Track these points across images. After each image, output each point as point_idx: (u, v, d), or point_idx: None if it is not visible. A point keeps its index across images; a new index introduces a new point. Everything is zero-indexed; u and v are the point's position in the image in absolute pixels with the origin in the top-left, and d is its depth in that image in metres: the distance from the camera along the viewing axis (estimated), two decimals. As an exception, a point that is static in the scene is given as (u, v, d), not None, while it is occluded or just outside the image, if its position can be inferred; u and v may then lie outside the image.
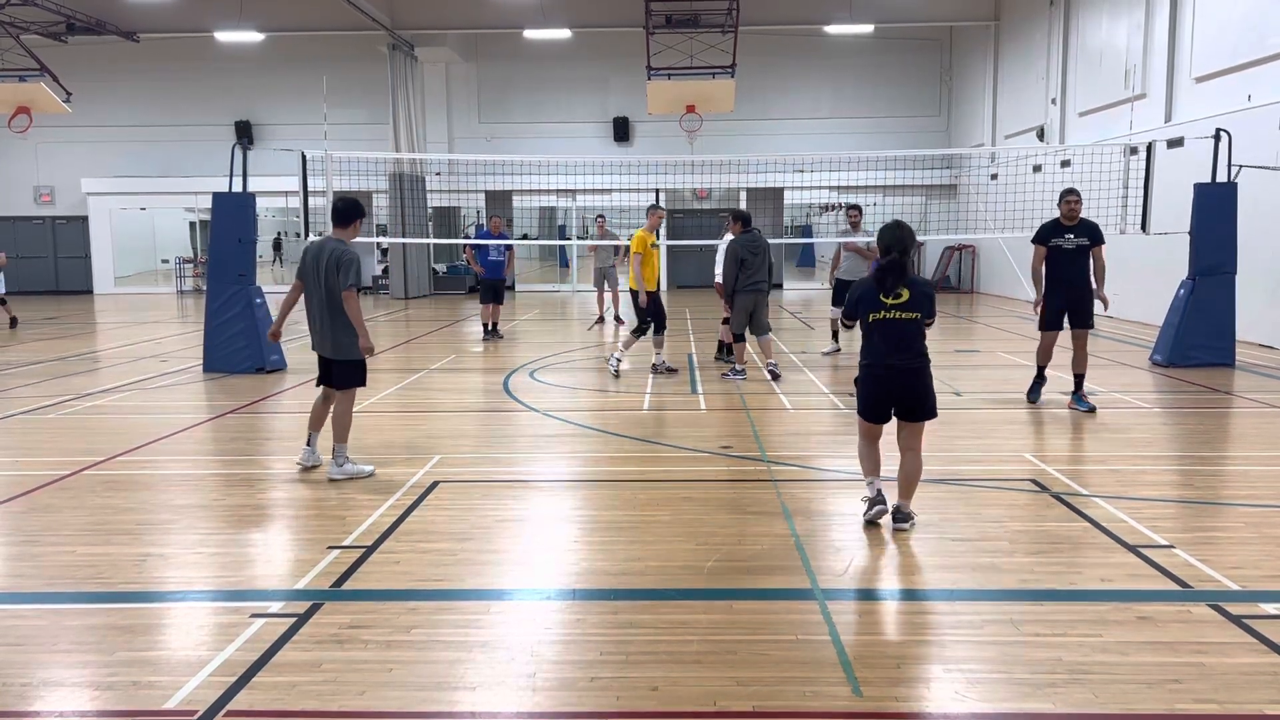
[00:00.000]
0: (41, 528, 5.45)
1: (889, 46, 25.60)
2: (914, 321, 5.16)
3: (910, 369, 5.17)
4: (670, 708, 3.36)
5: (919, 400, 5.20)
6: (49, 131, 24.82)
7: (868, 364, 5.28)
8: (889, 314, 5.14)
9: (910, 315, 5.14)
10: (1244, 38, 13.74)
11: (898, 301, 5.13)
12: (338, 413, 6.41)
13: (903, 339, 5.15)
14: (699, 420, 8.48)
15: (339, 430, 6.39)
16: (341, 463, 6.37)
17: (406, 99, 23.82)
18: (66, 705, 3.43)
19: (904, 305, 5.13)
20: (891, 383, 5.19)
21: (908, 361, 5.16)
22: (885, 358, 5.18)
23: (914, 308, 5.14)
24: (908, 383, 5.18)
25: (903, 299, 5.13)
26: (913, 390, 5.18)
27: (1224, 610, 4.11)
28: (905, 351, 5.15)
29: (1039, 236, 8.76)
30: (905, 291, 5.13)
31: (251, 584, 4.62)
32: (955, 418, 8.47)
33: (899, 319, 5.14)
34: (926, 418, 5.25)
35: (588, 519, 5.60)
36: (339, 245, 6.34)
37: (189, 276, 27.29)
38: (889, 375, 5.18)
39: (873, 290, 5.21)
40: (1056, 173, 17.71)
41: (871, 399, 5.28)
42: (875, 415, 5.31)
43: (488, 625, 4.09)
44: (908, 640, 3.87)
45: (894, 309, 5.13)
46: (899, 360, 5.15)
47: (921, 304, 5.16)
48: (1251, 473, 6.68)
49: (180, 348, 13.99)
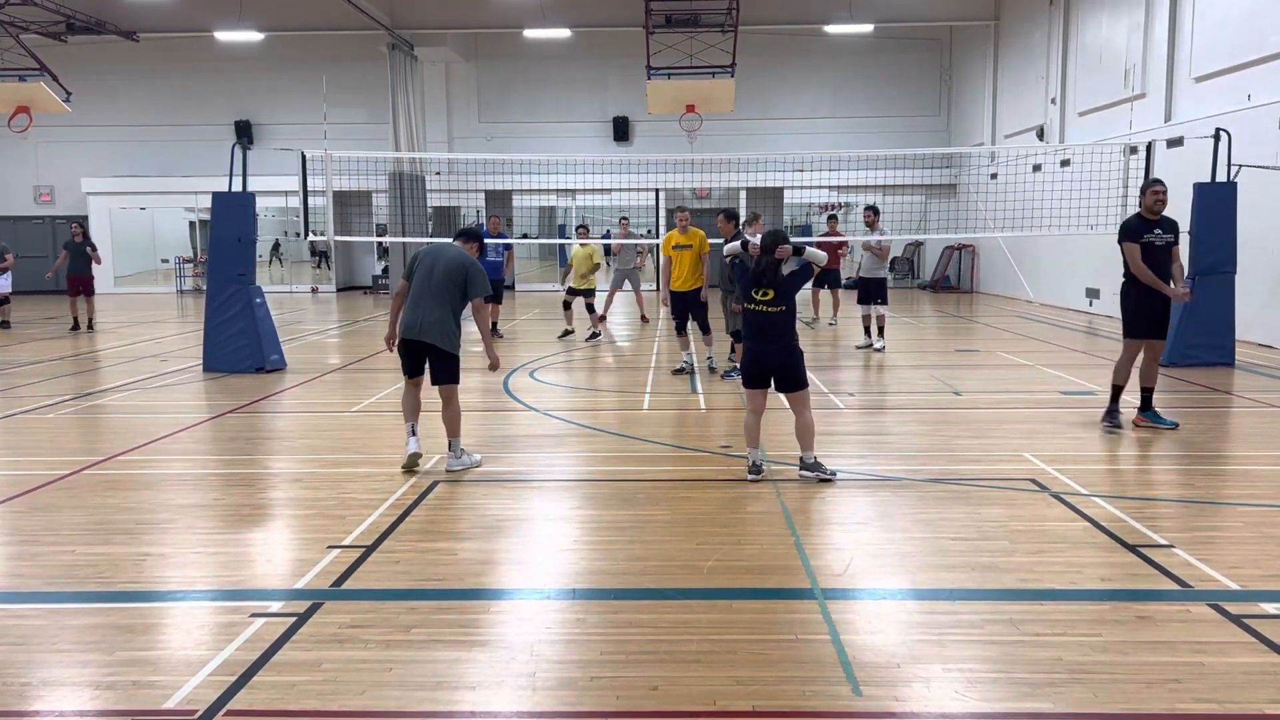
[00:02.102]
0: (41, 527, 5.45)
1: (889, 46, 25.59)
2: (780, 313, 6.18)
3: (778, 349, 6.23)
4: (670, 707, 3.36)
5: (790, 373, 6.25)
6: (49, 131, 24.79)
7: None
8: (759, 306, 6.20)
9: (776, 309, 6.17)
10: (1244, 37, 13.74)
11: (766, 298, 6.17)
12: (447, 414, 6.69)
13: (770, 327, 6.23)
14: (699, 420, 8.48)
15: (452, 427, 6.70)
16: (459, 454, 6.70)
17: (406, 99, 23.81)
18: (66, 705, 3.43)
19: (771, 301, 6.16)
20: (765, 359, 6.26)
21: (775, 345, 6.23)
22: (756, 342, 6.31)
23: (779, 302, 6.16)
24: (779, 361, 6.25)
25: (769, 296, 6.16)
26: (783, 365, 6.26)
27: (1224, 610, 4.11)
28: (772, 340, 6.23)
29: (1131, 233, 7.73)
30: (771, 291, 6.16)
31: (251, 583, 4.62)
32: (955, 417, 8.47)
33: (766, 311, 6.20)
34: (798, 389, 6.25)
35: (588, 519, 5.60)
36: (467, 256, 6.70)
37: (189, 276, 27.28)
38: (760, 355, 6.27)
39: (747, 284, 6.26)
40: (1056, 172, 17.71)
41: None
42: (754, 383, 6.35)
43: (488, 625, 4.09)
44: (907, 640, 3.87)
45: (763, 304, 6.19)
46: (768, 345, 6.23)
47: (785, 299, 6.18)
48: (1251, 472, 6.68)
49: (180, 347, 13.99)
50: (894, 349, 12.93)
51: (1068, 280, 19.08)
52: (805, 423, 6.24)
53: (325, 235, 14.13)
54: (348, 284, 28.32)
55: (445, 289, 6.50)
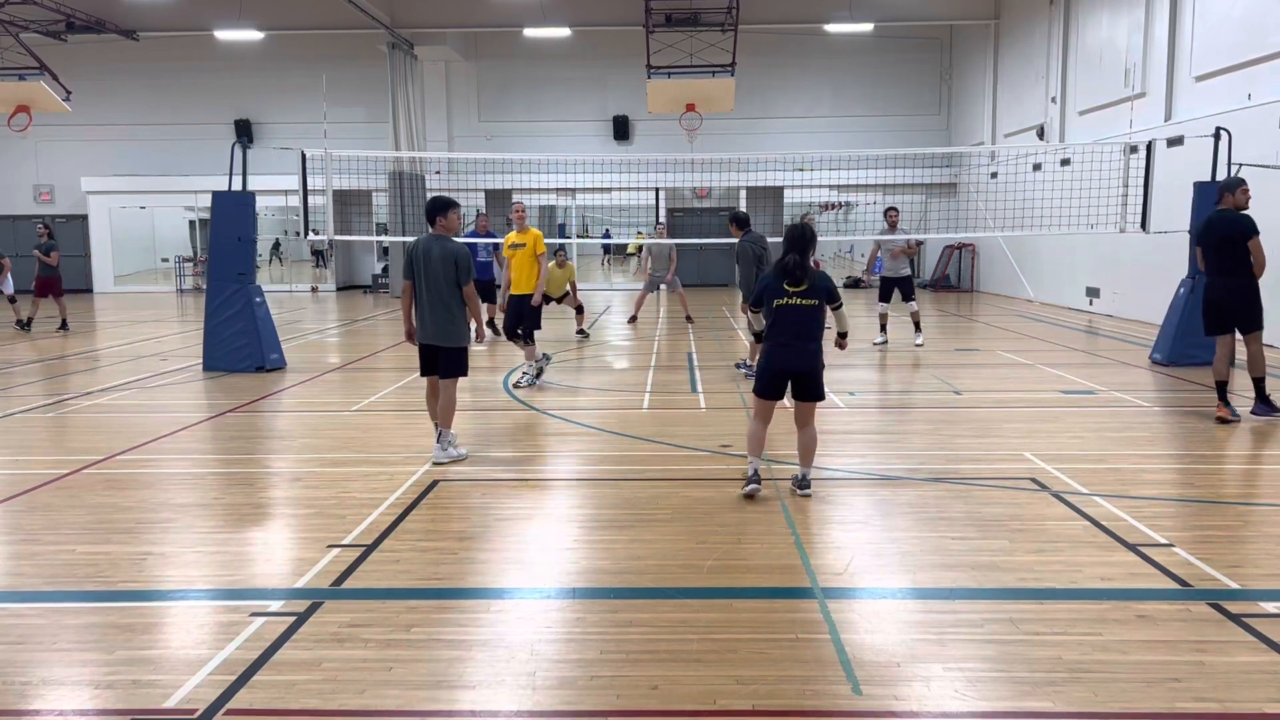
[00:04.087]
0: (41, 526, 5.45)
1: (889, 45, 25.58)
2: (814, 308, 5.79)
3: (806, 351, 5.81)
4: (670, 706, 3.36)
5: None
6: (49, 130, 24.79)
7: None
8: (791, 300, 5.79)
9: (810, 302, 5.77)
10: (1244, 37, 13.73)
11: (798, 289, 5.78)
12: (444, 402, 6.86)
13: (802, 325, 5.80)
14: (699, 420, 8.48)
15: (445, 417, 6.86)
16: (446, 446, 6.85)
17: (406, 97, 23.80)
18: (66, 704, 3.43)
19: (804, 293, 5.77)
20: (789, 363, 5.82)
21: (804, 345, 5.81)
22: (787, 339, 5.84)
23: (813, 296, 5.78)
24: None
25: (803, 288, 5.78)
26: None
27: (1223, 609, 4.11)
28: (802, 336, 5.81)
29: (1255, 228, 7.95)
30: (805, 283, 5.79)
31: (251, 583, 4.62)
32: (955, 416, 8.47)
33: (801, 305, 5.78)
34: (816, 399, 5.87)
35: (588, 518, 5.60)
36: (451, 243, 6.85)
37: (189, 275, 27.29)
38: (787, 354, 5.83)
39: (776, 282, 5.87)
40: (1056, 171, 17.70)
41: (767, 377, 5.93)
42: (770, 392, 5.93)
43: (488, 624, 4.09)
44: (907, 639, 3.87)
45: (795, 296, 5.78)
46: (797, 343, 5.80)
47: (819, 294, 5.80)
48: (1251, 473, 6.68)
49: (180, 346, 13.98)
50: (894, 349, 12.93)
51: (1068, 280, 19.08)
52: (812, 436, 5.94)
53: (322, 234, 14.09)
54: (347, 283, 28.33)
55: (442, 285, 6.77)
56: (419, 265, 6.81)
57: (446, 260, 6.76)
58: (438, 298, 6.78)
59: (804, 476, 5.93)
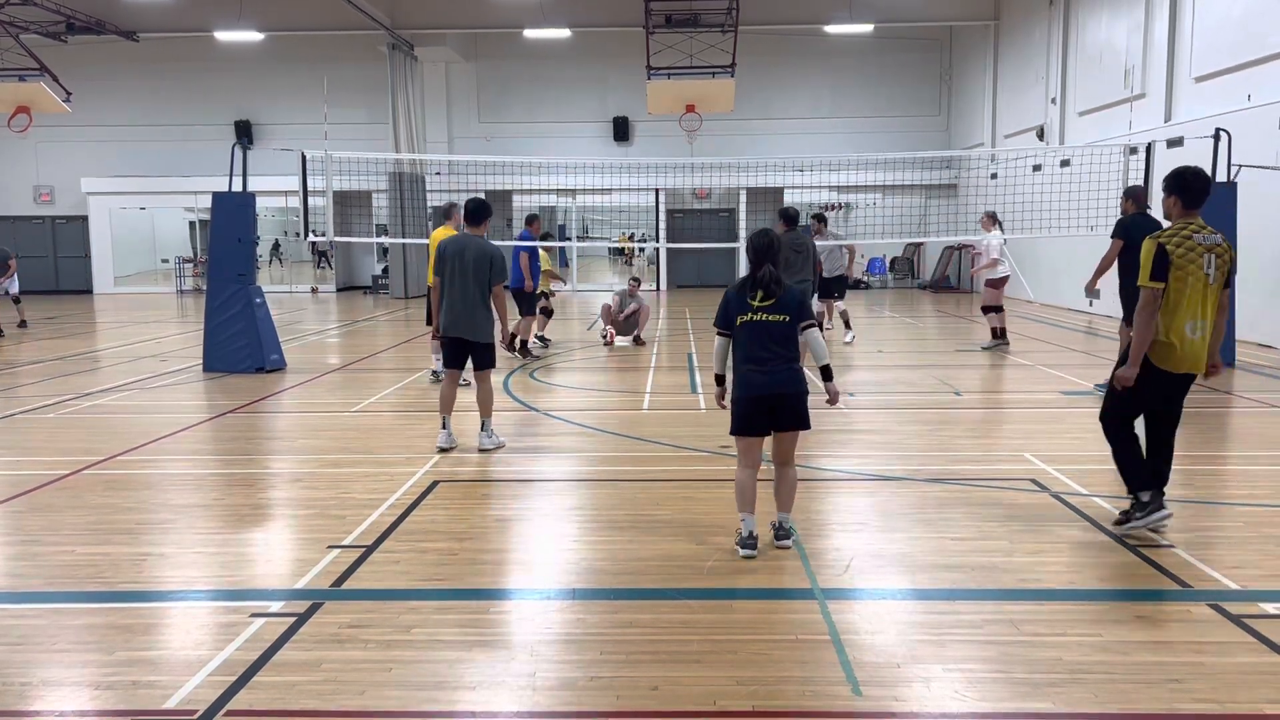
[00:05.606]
0: (41, 527, 5.45)
1: (889, 46, 25.59)
2: (784, 324, 4.87)
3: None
4: (670, 707, 3.36)
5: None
6: (49, 131, 24.80)
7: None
8: (757, 316, 4.88)
9: (778, 318, 4.86)
10: (1244, 37, 13.74)
11: (766, 304, 4.87)
12: (481, 395, 7.28)
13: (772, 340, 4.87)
14: (699, 420, 8.48)
15: (484, 408, 7.27)
16: (490, 434, 7.25)
17: (406, 99, 23.82)
18: (66, 705, 3.43)
19: (772, 308, 4.87)
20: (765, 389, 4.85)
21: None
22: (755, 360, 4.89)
23: (780, 310, 4.87)
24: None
25: (771, 302, 4.88)
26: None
27: (1223, 610, 4.11)
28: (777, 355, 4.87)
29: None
30: (771, 298, 4.89)
31: (251, 583, 4.62)
32: (955, 417, 8.47)
33: (767, 321, 4.86)
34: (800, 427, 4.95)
35: (588, 519, 5.60)
36: (489, 244, 7.15)
37: (189, 276, 27.29)
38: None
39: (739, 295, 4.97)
40: (1056, 172, 17.70)
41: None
42: (752, 428, 4.95)
43: (488, 625, 4.09)
44: (907, 640, 3.87)
45: (762, 312, 4.87)
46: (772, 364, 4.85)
47: (788, 308, 4.88)
48: (1251, 473, 6.68)
49: (180, 347, 13.98)
50: (894, 349, 12.93)
51: (1068, 280, 19.07)
52: (794, 477, 5.04)
53: (324, 235, 14.09)
54: (347, 284, 28.33)
55: (473, 282, 7.02)
56: (452, 262, 7.04)
57: (482, 259, 7.03)
58: (470, 291, 7.03)
59: (783, 524, 5.03)
